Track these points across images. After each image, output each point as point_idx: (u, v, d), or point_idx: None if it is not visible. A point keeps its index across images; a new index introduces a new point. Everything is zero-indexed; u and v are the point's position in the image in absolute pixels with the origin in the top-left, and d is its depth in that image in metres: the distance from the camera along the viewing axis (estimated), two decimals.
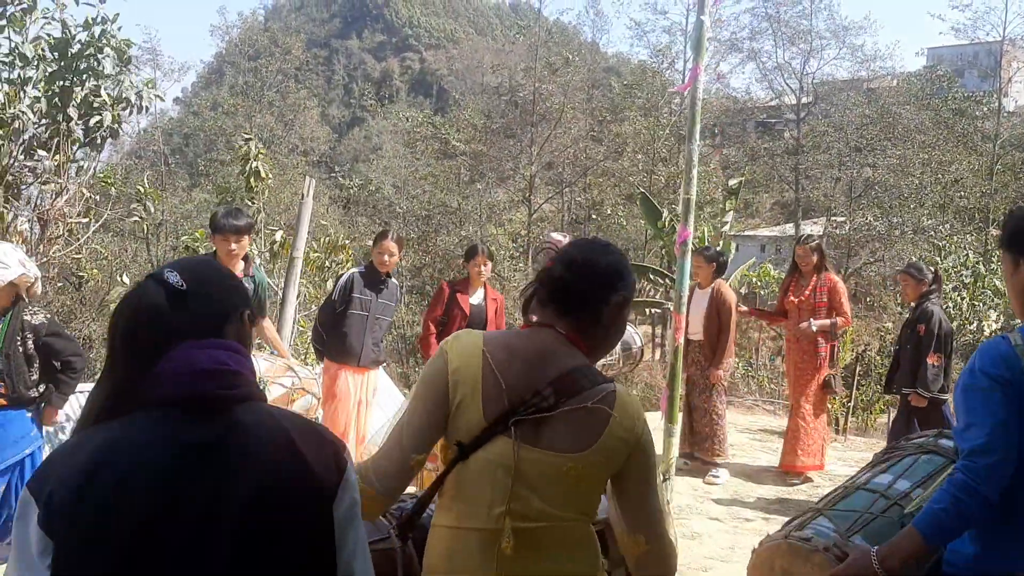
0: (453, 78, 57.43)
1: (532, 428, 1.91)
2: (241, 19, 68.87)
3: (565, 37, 33.03)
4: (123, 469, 1.36)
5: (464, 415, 1.95)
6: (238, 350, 1.51)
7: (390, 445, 2.01)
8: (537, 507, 1.91)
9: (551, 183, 27.56)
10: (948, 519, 2.24)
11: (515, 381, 1.94)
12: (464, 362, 1.98)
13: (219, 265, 1.67)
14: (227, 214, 5.14)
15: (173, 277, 1.51)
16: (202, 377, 1.43)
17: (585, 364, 2.00)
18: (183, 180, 32.45)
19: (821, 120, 30.14)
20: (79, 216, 7.17)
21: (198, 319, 1.50)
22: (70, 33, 6.29)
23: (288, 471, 1.44)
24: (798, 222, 28.68)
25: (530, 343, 2.01)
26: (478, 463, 1.93)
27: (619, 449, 1.94)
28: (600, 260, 2.05)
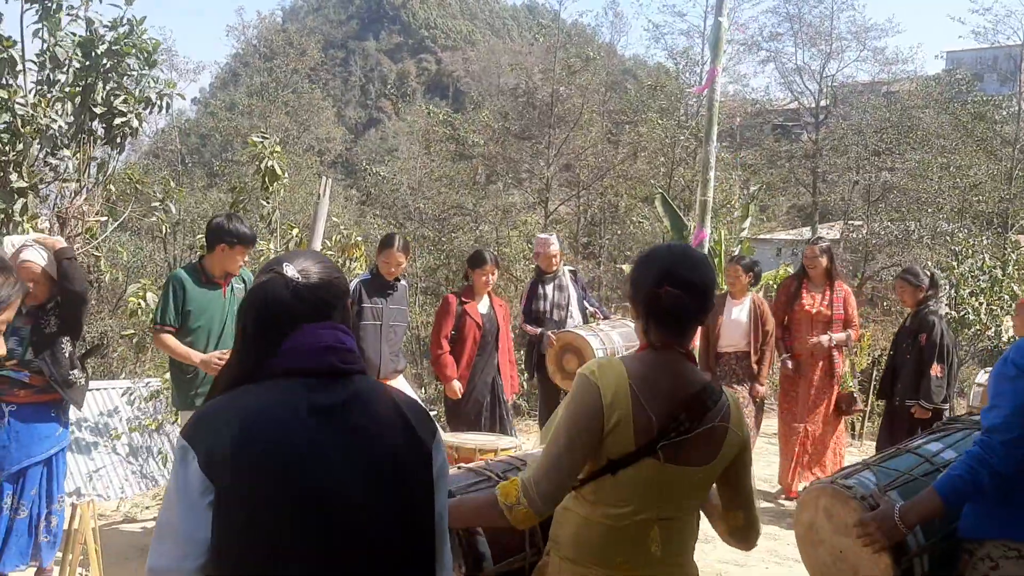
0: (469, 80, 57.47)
1: (673, 449, 2.17)
2: (259, 19, 69.25)
3: (583, 39, 33.00)
4: (271, 426, 1.65)
5: (616, 440, 2.17)
6: (348, 331, 1.82)
7: (553, 470, 2.20)
8: (677, 513, 2.24)
9: (568, 185, 27.51)
10: (963, 485, 2.57)
11: (659, 411, 2.18)
12: (615, 396, 2.18)
13: (327, 260, 1.93)
14: (238, 223, 5.00)
15: (291, 271, 1.79)
16: (328, 352, 1.75)
17: (706, 381, 2.27)
18: (200, 180, 32.58)
19: (840, 123, 29.97)
20: (98, 215, 7.22)
21: (315, 306, 1.79)
22: (96, 33, 6.34)
23: (400, 430, 1.79)
24: (815, 226, 28.53)
25: (663, 369, 2.24)
26: (626, 477, 2.17)
27: (733, 452, 2.26)
28: (709, 281, 2.27)
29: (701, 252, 2.39)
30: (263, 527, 1.60)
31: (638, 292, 2.29)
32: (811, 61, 32.68)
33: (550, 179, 25.74)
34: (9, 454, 4.33)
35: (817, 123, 31.70)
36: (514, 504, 2.20)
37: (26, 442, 4.38)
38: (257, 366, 1.75)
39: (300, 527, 1.62)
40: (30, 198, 5.94)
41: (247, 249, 5.02)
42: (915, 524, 2.64)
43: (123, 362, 13.18)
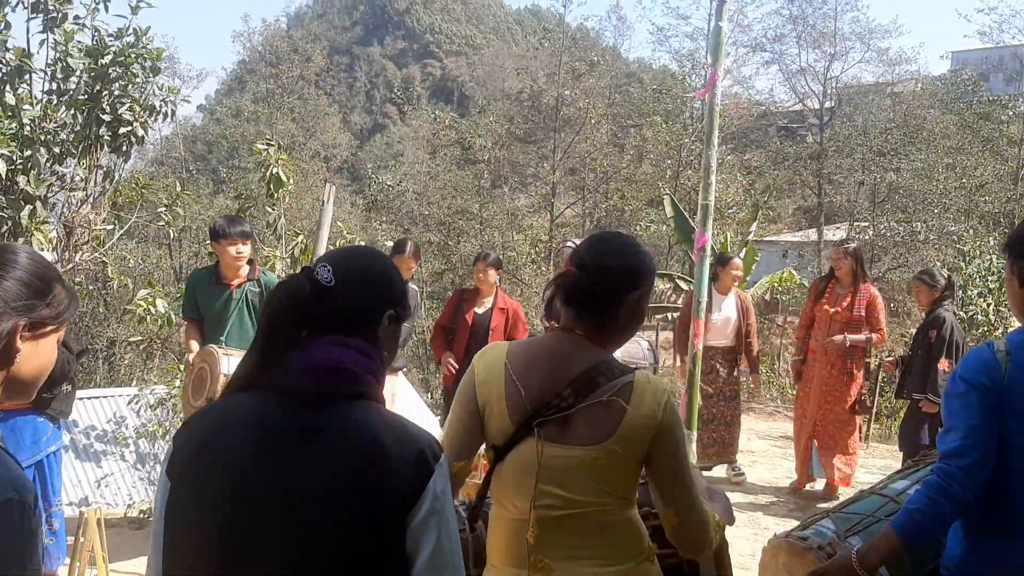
0: (474, 84, 57.60)
1: (555, 428, 2.06)
2: (264, 25, 69.46)
3: (588, 43, 33.05)
4: (230, 441, 1.54)
5: (494, 422, 2.14)
6: (363, 350, 1.60)
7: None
8: (563, 498, 2.06)
9: (573, 189, 27.53)
10: (922, 519, 2.37)
11: (535, 386, 2.10)
12: (488, 374, 2.16)
13: (380, 263, 1.74)
14: (228, 221, 5.28)
15: (324, 272, 1.63)
16: (310, 373, 1.55)
17: (603, 361, 2.12)
18: (206, 187, 32.68)
19: (845, 124, 29.93)
20: (104, 223, 7.26)
21: (337, 315, 1.62)
22: (103, 42, 6.40)
23: (361, 475, 1.50)
24: (821, 227, 28.50)
25: (549, 348, 2.16)
26: (510, 463, 2.11)
27: (640, 436, 2.05)
28: (612, 261, 2.15)
29: (623, 236, 2.27)
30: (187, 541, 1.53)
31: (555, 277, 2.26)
32: (815, 63, 32.70)
33: (556, 183, 25.77)
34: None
35: (822, 124, 31.67)
36: None
37: (13, 448, 4.35)
38: (257, 372, 1.60)
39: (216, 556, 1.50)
40: (38, 206, 5.98)
41: (235, 242, 5.16)
42: (876, 566, 2.42)
43: (131, 369, 13.22)
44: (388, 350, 1.71)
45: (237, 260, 5.21)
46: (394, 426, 1.59)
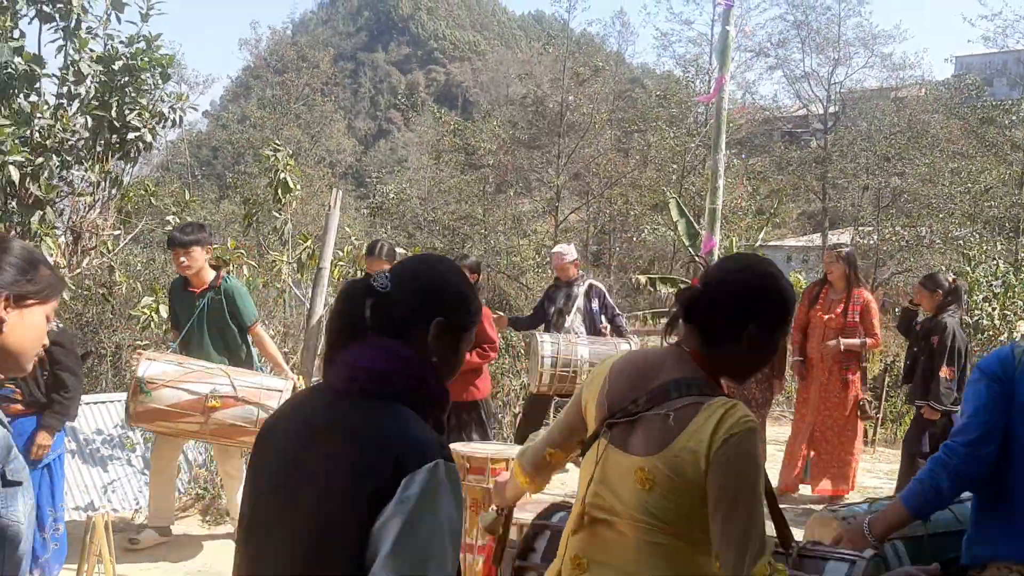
0: (478, 90, 57.64)
1: (621, 432, 2.05)
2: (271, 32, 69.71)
3: (592, 48, 33.11)
4: (281, 423, 1.77)
5: (588, 420, 2.19)
6: (397, 353, 1.68)
7: (541, 437, 2.37)
8: (610, 503, 2.03)
9: (578, 194, 27.55)
10: (922, 489, 2.56)
11: (617, 391, 2.09)
12: (593, 376, 2.21)
13: (436, 270, 1.82)
14: (180, 230, 5.54)
15: (381, 279, 1.74)
16: (342, 371, 1.69)
17: (689, 377, 2.01)
18: (211, 192, 32.77)
19: (849, 129, 29.93)
20: (111, 228, 7.29)
21: (386, 319, 1.71)
22: (115, 49, 6.44)
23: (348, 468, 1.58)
24: (825, 232, 28.49)
25: (651, 358, 2.15)
26: (584, 460, 2.15)
27: (688, 461, 1.91)
28: (732, 281, 2.07)
29: (757, 259, 2.17)
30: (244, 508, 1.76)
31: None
32: (819, 68, 32.70)
33: (560, 188, 25.79)
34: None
35: (826, 129, 31.67)
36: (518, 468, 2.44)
37: (22, 451, 4.40)
38: (326, 367, 1.76)
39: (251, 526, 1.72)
40: (48, 211, 6.01)
41: (183, 252, 5.40)
42: (883, 533, 2.54)
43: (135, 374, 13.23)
44: (441, 357, 1.76)
45: (185, 269, 5.46)
46: (398, 427, 1.62)
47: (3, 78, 5.74)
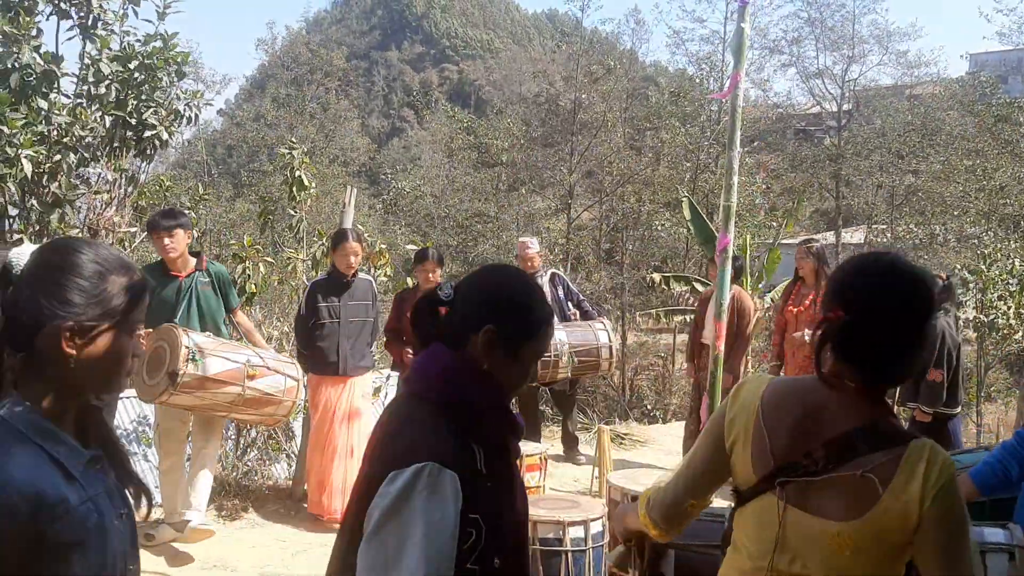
0: (491, 88, 57.66)
1: (800, 490, 1.82)
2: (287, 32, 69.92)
3: (606, 46, 33.06)
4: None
5: (738, 465, 1.94)
6: (443, 357, 1.79)
7: (672, 483, 2.07)
8: (797, 571, 1.84)
9: (591, 191, 27.52)
10: (990, 472, 2.69)
11: (783, 438, 1.86)
12: (739, 411, 1.94)
13: (492, 280, 1.92)
14: (162, 214, 5.57)
15: (445, 291, 1.84)
16: (408, 372, 1.87)
17: (872, 423, 1.82)
18: (226, 190, 32.89)
19: (863, 126, 29.80)
20: (128, 226, 7.34)
21: (447, 327, 1.83)
22: (131, 47, 6.50)
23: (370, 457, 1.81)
24: (839, 230, 28.38)
25: (809, 397, 1.88)
26: (751, 513, 1.92)
27: (895, 522, 1.76)
28: (899, 308, 1.79)
29: (906, 266, 1.84)
30: None
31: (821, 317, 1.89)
32: (833, 65, 32.58)
33: (573, 185, 25.78)
34: None
35: (840, 127, 31.55)
36: (639, 510, 2.11)
37: None
38: None
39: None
40: (67, 209, 6.07)
41: (168, 235, 5.44)
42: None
43: None
44: (495, 365, 1.79)
45: (167, 252, 5.48)
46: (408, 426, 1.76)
47: (23, 78, 5.80)
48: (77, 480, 1.50)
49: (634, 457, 8.75)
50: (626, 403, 15.33)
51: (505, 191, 26.81)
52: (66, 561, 1.43)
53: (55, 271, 1.52)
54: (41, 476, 1.43)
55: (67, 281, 1.51)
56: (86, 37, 6.35)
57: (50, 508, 1.41)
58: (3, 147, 5.39)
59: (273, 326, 8.92)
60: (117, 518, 1.60)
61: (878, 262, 1.87)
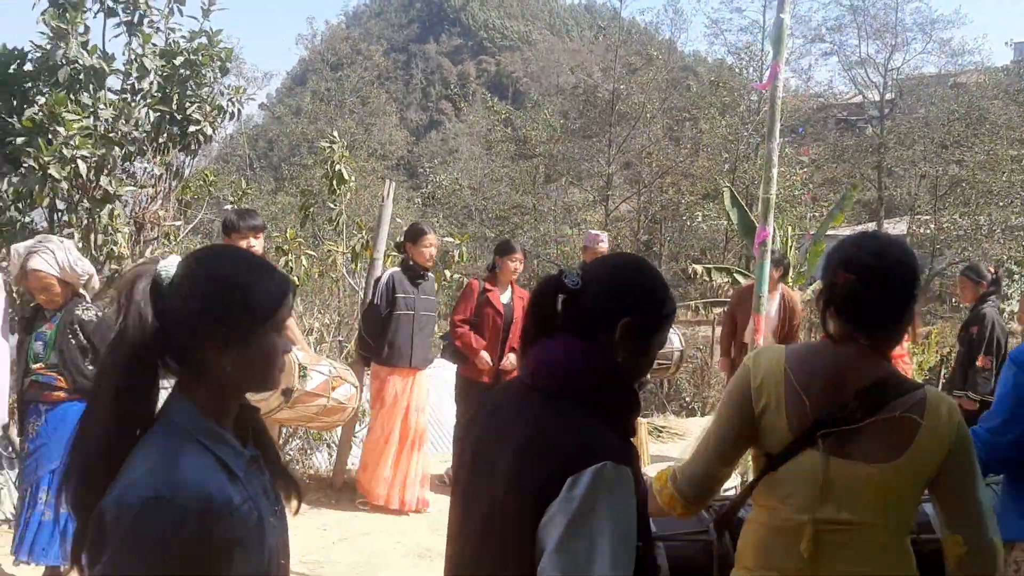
0: (528, 80, 57.56)
1: (840, 441, 1.97)
2: (327, 27, 70.38)
3: (644, 37, 32.89)
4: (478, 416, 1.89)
5: (770, 429, 2.04)
6: (579, 349, 1.72)
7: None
8: (842, 516, 1.98)
9: (629, 183, 27.44)
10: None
11: (818, 396, 2.00)
12: (766, 377, 2.06)
13: (629, 271, 1.83)
14: (240, 215, 5.34)
15: (572, 278, 1.77)
16: (530, 366, 1.76)
17: (891, 374, 2.02)
18: (268, 184, 33.25)
19: (906, 116, 29.36)
20: (172, 219, 7.47)
21: (575, 317, 1.76)
22: (176, 44, 6.61)
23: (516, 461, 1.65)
24: (880, 221, 28.01)
25: (831, 358, 2.04)
26: (787, 473, 2.02)
27: (932, 455, 1.95)
28: (896, 272, 2.02)
29: (898, 240, 2.13)
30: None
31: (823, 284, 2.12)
32: (875, 54, 32.13)
33: (611, 177, 25.72)
34: (48, 451, 4.38)
35: (882, 116, 31.11)
36: (662, 487, 2.15)
37: (63, 438, 4.34)
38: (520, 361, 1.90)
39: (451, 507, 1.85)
40: (116, 205, 6.19)
41: (245, 236, 5.21)
42: None
43: None
44: (628, 358, 1.76)
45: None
46: (565, 425, 1.66)
47: (72, 74, 5.92)
48: (240, 480, 1.55)
49: (672, 451, 8.73)
50: (664, 396, 15.27)
51: (543, 183, 26.81)
52: (229, 560, 1.48)
53: (206, 282, 1.55)
54: (209, 478, 1.48)
55: (218, 290, 1.54)
56: (132, 34, 6.47)
57: (217, 509, 1.46)
58: (59, 148, 5.49)
59: (314, 318, 9.02)
60: (272, 515, 1.64)
61: (876, 237, 2.09)
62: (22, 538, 4.43)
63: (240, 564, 1.50)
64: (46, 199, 5.72)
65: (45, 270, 4.38)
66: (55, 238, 4.64)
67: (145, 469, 1.44)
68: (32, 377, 4.47)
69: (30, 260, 4.39)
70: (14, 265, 4.46)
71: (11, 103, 5.85)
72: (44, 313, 4.52)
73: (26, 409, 4.55)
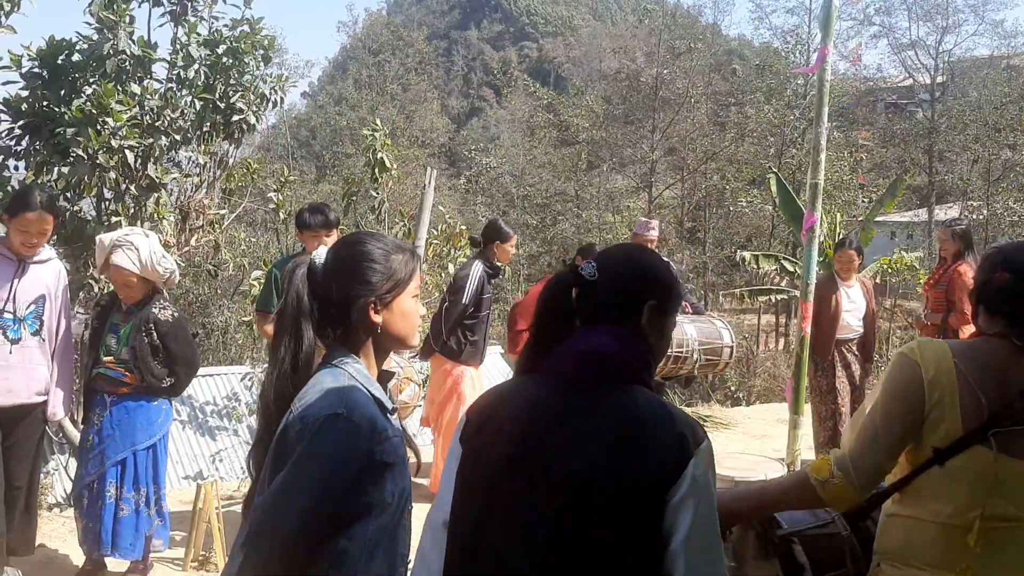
0: (571, 66, 57.22)
1: (1009, 439, 1.98)
2: (368, 14, 70.70)
3: (687, 21, 32.53)
4: (503, 416, 1.77)
5: (940, 424, 2.03)
6: (627, 338, 1.74)
7: (870, 445, 2.09)
8: (1012, 512, 1.99)
9: (672, 169, 27.19)
10: None
11: (992, 394, 2.01)
12: (937, 373, 2.04)
13: (640, 257, 1.87)
14: (313, 211, 5.19)
15: (587, 268, 1.79)
16: (578, 359, 1.73)
17: None
18: (310, 173, 33.48)
19: (957, 99, 28.73)
20: (217, 207, 7.53)
21: (601, 306, 1.77)
22: (220, 32, 6.64)
23: (618, 454, 1.63)
24: (931, 206, 27.46)
25: (992, 355, 2.06)
26: (953, 468, 2.01)
27: None
28: None
29: None
30: (470, 502, 1.75)
31: (976, 281, 2.16)
32: (926, 36, 31.46)
33: (655, 163, 25.50)
34: (114, 442, 4.41)
35: (933, 100, 30.47)
36: (827, 479, 2.09)
37: (128, 431, 4.44)
38: (537, 357, 1.80)
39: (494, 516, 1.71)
40: (162, 193, 6.24)
41: (326, 233, 5.04)
42: None
43: (243, 349, 13.66)
44: (655, 340, 1.80)
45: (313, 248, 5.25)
46: (657, 411, 1.68)
47: (118, 64, 5.97)
48: (388, 419, 1.88)
49: (717, 440, 8.63)
50: (709, 385, 15.14)
51: (585, 170, 26.66)
52: (382, 479, 1.80)
53: (353, 260, 1.95)
54: (372, 409, 1.84)
55: (364, 265, 1.94)
56: (177, 23, 6.51)
57: (379, 432, 1.80)
58: (108, 138, 5.54)
59: None
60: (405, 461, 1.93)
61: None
62: (100, 535, 4.45)
63: (389, 487, 1.81)
64: (94, 188, 5.77)
65: (127, 267, 4.38)
66: (140, 231, 4.64)
67: (322, 395, 1.79)
68: (100, 370, 4.48)
69: (114, 254, 4.40)
70: (99, 256, 4.49)
71: (59, 94, 5.90)
72: (120, 305, 4.54)
73: (90, 398, 4.57)
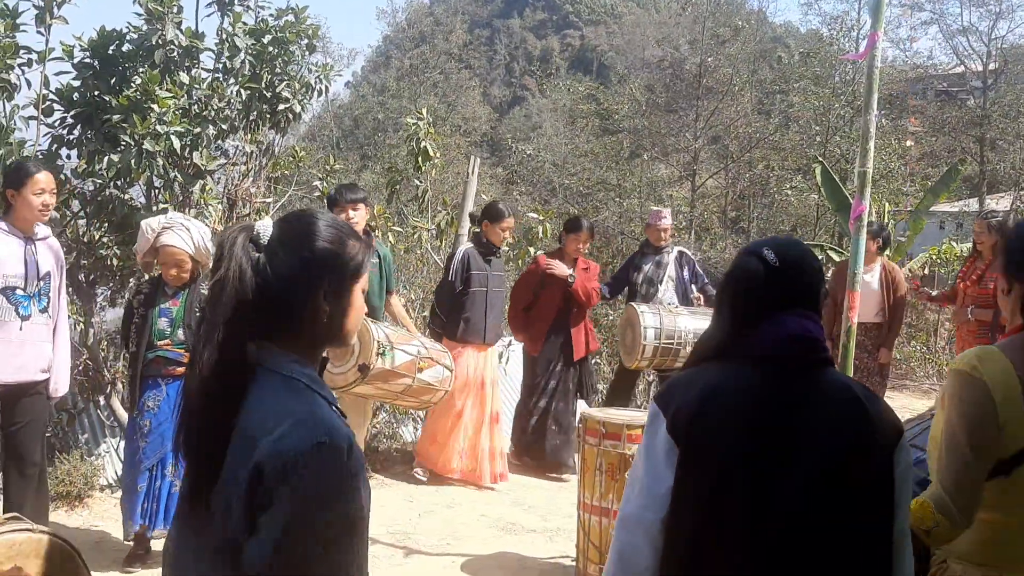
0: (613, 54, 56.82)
1: None
2: (408, 3, 70.79)
3: (732, 7, 32.12)
4: (725, 405, 1.78)
5: (1005, 439, 2.03)
6: (818, 320, 1.83)
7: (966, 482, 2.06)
8: None
9: (716, 157, 26.91)
10: None
11: None
12: (1006, 394, 2.03)
13: (808, 248, 1.96)
14: (341, 189, 5.57)
15: (769, 255, 1.85)
16: (790, 342, 1.79)
17: None
18: (354, 162, 33.67)
19: (1011, 87, 28.06)
20: (263, 196, 7.61)
21: (792, 292, 1.84)
22: (265, 22, 6.72)
23: (857, 428, 1.75)
24: (982, 197, 26.90)
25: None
26: (1020, 476, 2.03)
27: None
28: None
29: None
30: (705, 493, 1.75)
31: (1010, 263, 2.13)
32: (979, 21, 30.76)
33: (698, 152, 25.27)
34: (173, 424, 4.42)
35: (985, 87, 29.79)
36: (932, 527, 2.08)
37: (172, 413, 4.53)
38: (728, 344, 1.85)
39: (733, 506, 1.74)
40: (209, 180, 6.34)
41: (352, 207, 5.40)
42: None
43: None
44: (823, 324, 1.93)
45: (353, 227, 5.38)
46: (861, 388, 1.84)
47: (167, 54, 6.05)
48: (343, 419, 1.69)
49: None
50: None
51: (627, 158, 26.48)
52: (356, 489, 1.61)
53: (308, 238, 1.67)
54: (337, 419, 1.62)
55: (320, 246, 1.67)
56: (223, 13, 6.58)
57: (352, 445, 1.60)
58: (154, 125, 5.64)
59: (399, 294, 9.11)
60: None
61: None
62: (154, 511, 4.56)
63: (363, 492, 1.64)
64: (143, 174, 5.88)
65: (180, 247, 4.52)
66: (180, 216, 4.79)
67: (295, 422, 1.52)
68: (158, 353, 4.59)
69: (164, 235, 4.52)
70: (143, 241, 4.59)
71: (110, 83, 6.01)
72: (165, 289, 4.65)
73: (144, 383, 4.67)
